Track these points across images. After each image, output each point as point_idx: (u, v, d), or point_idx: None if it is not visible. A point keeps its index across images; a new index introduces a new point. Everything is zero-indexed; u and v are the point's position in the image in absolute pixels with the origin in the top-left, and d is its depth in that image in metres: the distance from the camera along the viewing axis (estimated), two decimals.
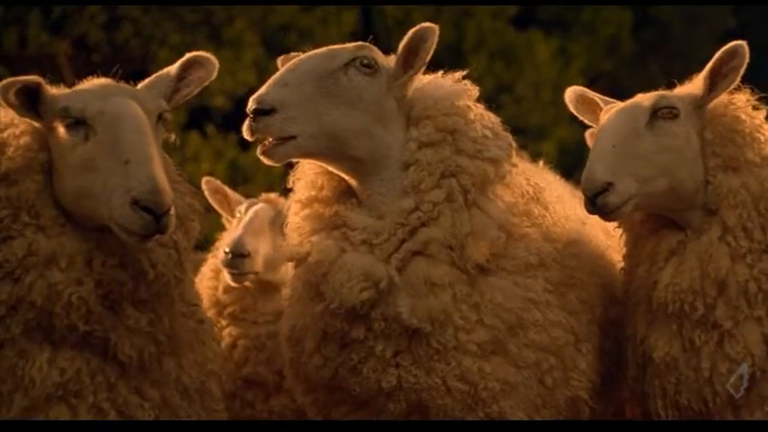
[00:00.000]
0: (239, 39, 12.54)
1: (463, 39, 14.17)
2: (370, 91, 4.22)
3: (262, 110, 4.04)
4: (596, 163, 4.29)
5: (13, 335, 3.93)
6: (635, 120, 4.40)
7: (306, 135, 4.10)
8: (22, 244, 3.94)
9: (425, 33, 4.25)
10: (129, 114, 3.94)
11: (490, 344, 4.25)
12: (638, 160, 4.32)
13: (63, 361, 3.96)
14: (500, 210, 4.30)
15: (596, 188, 4.25)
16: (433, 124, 4.29)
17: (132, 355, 4.03)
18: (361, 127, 4.21)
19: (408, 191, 4.23)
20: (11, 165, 4.00)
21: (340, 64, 4.18)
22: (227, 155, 12.28)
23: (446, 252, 4.21)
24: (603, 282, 4.67)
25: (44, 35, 12.01)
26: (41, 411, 3.93)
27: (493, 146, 4.32)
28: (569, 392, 4.43)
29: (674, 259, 4.42)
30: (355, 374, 4.29)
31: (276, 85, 4.08)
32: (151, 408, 4.11)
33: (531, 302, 4.32)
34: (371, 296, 4.17)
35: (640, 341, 4.51)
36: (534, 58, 14.42)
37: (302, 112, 4.08)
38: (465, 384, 4.23)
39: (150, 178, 3.79)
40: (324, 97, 4.12)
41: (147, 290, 4.04)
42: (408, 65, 4.28)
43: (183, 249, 4.14)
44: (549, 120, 14.42)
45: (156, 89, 4.21)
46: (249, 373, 5.70)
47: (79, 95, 4.04)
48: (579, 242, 4.60)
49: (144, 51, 12.30)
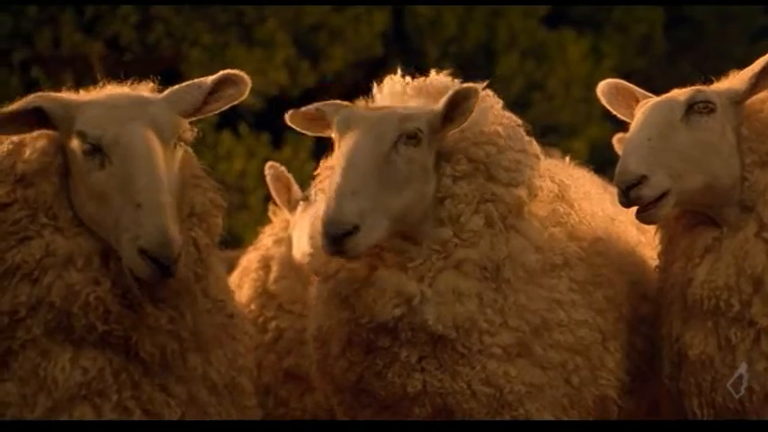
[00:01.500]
0: (271, 39, 12.56)
1: (494, 38, 14.13)
2: (419, 161, 4.19)
3: (346, 231, 3.98)
4: (631, 155, 4.27)
5: (34, 336, 3.94)
6: (671, 113, 4.37)
7: (379, 233, 4.06)
8: (40, 245, 3.95)
9: (468, 92, 4.20)
10: (144, 150, 3.91)
11: (515, 346, 4.24)
12: (673, 154, 4.29)
13: (85, 360, 3.96)
14: (537, 231, 4.31)
15: (630, 180, 4.23)
16: (464, 157, 4.27)
17: (154, 352, 4.03)
18: (418, 195, 4.19)
19: (445, 222, 4.23)
20: (27, 167, 4.02)
21: (390, 144, 4.13)
22: (259, 154, 12.29)
23: (480, 270, 4.22)
24: (632, 279, 4.64)
25: (77, 35, 12.08)
26: (65, 412, 3.94)
27: (525, 168, 4.32)
28: (597, 392, 4.41)
29: (710, 256, 4.39)
30: (380, 379, 4.29)
31: (346, 197, 3.99)
32: (178, 405, 4.10)
33: (556, 303, 4.30)
34: (403, 312, 4.17)
35: (675, 339, 4.47)
36: (565, 57, 14.36)
37: (378, 217, 4.04)
38: (490, 388, 4.22)
39: (159, 228, 3.78)
40: (388, 188, 4.08)
41: (166, 288, 4.03)
42: (449, 119, 4.24)
43: (203, 246, 4.13)
44: (581, 118, 14.35)
45: (184, 99, 4.19)
46: (291, 365, 5.70)
47: (96, 118, 4.00)
48: (606, 239, 4.57)
49: (175, 51, 12.35)
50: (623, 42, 15.35)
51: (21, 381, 3.94)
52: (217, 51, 12.29)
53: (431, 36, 13.95)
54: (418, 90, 4.46)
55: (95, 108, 4.06)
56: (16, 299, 3.93)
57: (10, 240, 3.96)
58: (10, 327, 3.94)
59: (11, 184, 4.01)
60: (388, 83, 4.55)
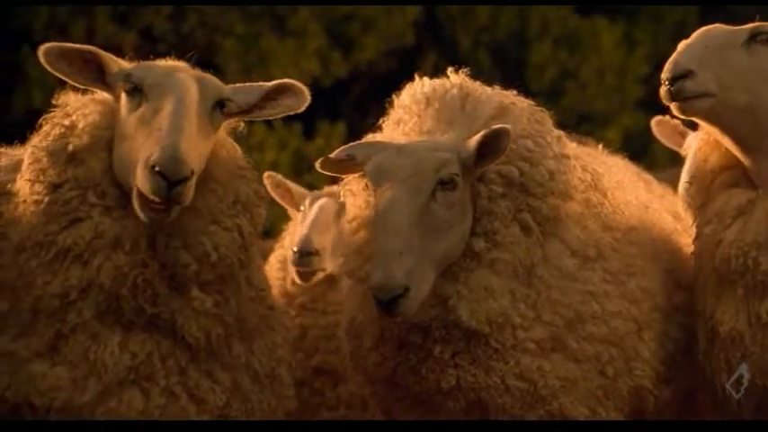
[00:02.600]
0: (303, 28, 12.57)
1: (527, 26, 14.07)
2: (458, 203, 4.17)
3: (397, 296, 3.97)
4: (684, 51, 4.25)
5: (84, 319, 3.99)
6: (732, 36, 4.33)
7: (427, 287, 4.06)
8: (90, 226, 4.00)
9: (500, 133, 4.15)
10: (180, 88, 3.99)
11: (549, 341, 4.25)
12: (726, 67, 4.26)
13: (134, 345, 4.02)
14: (573, 235, 4.32)
15: (677, 72, 4.20)
16: (498, 176, 4.25)
17: (199, 336, 4.07)
18: (460, 233, 4.19)
19: (480, 235, 4.23)
20: (78, 143, 4.08)
21: (428, 195, 4.11)
22: (291, 144, 12.32)
23: (512, 269, 4.22)
24: (667, 267, 4.62)
25: (111, 26, 12.14)
26: (115, 396, 4.01)
27: (559, 175, 4.30)
28: (632, 382, 4.41)
29: (742, 218, 4.35)
30: (414, 374, 4.30)
31: (393, 260, 3.96)
32: (222, 391, 4.16)
33: (590, 295, 4.31)
34: (439, 313, 4.18)
35: (710, 316, 4.45)
36: (599, 45, 14.28)
37: (425, 270, 4.03)
38: (524, 383, 4.23)
39: (171, 146, 3.81)
40: (430, 238, 4.08)
41: (212, 271, 4.07)
42: (482, 157, 4.20)
43: (247, 234, 4.17)
44: (614, 106, 14.27)
45: (242, 93, 4.25)
46: (319, 362, 5.74)
47: (147, 67, 4.13)
48: (640, 228, 4.56)
49: (209, 41, 12.38)
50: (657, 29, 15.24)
51: (71, 365, 4.00)
52: (250, 41, 12.31)
53: (463, 25, 13.91)
54: (432, 100, 4.44)
55: (150, 63, 4.20)
56: (67, 281, 3.98)
57: (61, 221, 4.01)
58: (61, 310, 3.99)
59: (62, 164, 4.07)
60: (408, 91, 4.53)
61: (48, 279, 3.99)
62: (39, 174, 4.07)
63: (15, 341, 4.01)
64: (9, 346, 4.01)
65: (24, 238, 4.03)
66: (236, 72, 12.50)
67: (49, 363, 4.01)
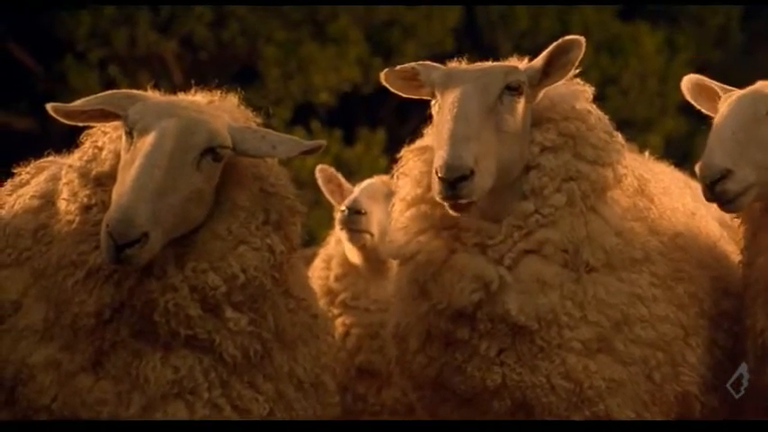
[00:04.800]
0: (343, 35, 12.61)
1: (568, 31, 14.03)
2: (521, 113, 4.22)
3: (462, 176, 3.98)
4: (715, 150, 4.22)
5: (122, 337, 3.99)
6: (755, 106, 4.31)
7: (492, 179, 4.07)
8: None
9: (570, 45, 4.22)
10: (155, 140, 3.92)
11: (595, 341, 4.21)
12: (758, 147, 4.23)
13: (176, 359, 4.00)
14: (617, 216, 4.28)
15: (714, 175, 4.18)
16: (555, 128, 4.28)
17: (236, 354, 4.06)
18: (519, 148, 4.22)
19: (528, 195, 4.22)
20: (100, 169, 4.10)
21: (496, 95, 4.15)
22: (331, 150, 12.35)
23: (561, 254, 4.20)
24: (714, 274, 4.58)
25: (152, 35, 12.24)
26: (159, 409, 3.99)
27: (612, 150, 4.31)
28: (679, 388, 4.36)
29: None
30: (460, 373, 4.29)
31: (461, 143, 3.99)
32: (266, 401, 4.13)
33: (637, 298, 4.27)
34: (481, 297, 4.17)
35: (760, 332, 4.41)
36: (640, 50, 14.23)
37: (490, 162, 4.05)
38: (570, 383, 4.20)
39: (122, 206, 3.78)
40: (496, 136, 4.10)
41: (242, 293, 4.04)
42: (547, 74, 4.26)
43: (278, 253, 4.11)
44: (656, 112, 14.23)
45: (248, 139, 4.10)
46: (362, 361, 5.72)
47: (143, 109, 4.05)
48: (687, 234, 4.52)
49: (250, 49, 12.45)
50: (699, 34, 15.18)
51: (114, 379, 3.99)
52: (291, 48, 12.37)
53: (503, 30, 13.90)
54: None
55: (153, 101, 4.14)
56: (101, 300, 3.98)
57: (92, 242, 4.00)
58: (98, 327, 3.99)
59: (92, 187, 4.08)
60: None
61: (83, 298, 3.99)
62: (72, 195, 4.09)
63: (62, 352, 4.03)
64: (57, 356, 4.03)
65: (61, 256, 4.05)
66: (276, 79, 12.58)
67: (94, 377, 4.01)
